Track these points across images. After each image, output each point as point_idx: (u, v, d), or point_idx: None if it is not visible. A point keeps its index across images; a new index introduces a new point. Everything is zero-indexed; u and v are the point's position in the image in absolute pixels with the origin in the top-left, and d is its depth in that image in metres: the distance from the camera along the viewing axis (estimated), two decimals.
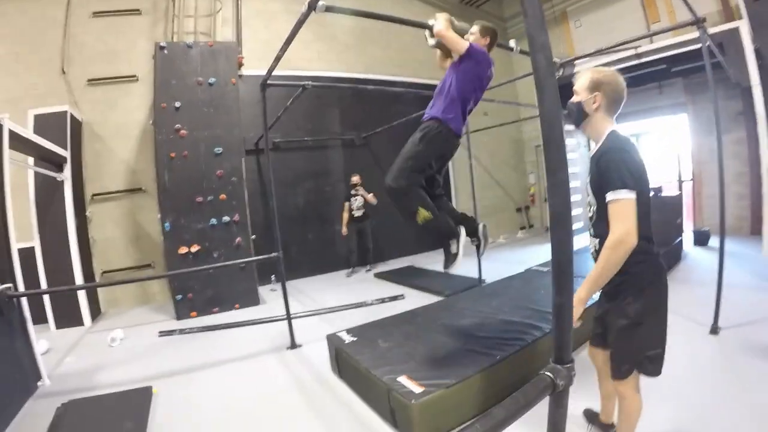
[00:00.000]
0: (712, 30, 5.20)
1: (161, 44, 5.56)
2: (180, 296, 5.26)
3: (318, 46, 7.55)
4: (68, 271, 5.30)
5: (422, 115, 2.73)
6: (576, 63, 6.54)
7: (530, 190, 10.88)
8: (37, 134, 4.73)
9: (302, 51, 7.25)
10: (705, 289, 3.91)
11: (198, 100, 5.53)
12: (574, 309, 1.72)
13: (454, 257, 2.72)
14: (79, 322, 5.34)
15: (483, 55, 2.57)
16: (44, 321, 5.10)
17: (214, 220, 5.44)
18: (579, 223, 7.61)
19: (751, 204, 7.08)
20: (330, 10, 2.51)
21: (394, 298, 5.17)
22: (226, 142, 5.60)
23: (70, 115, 5.67)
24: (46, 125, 5.33)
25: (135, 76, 6.41)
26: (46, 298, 5.22)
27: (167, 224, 5.27)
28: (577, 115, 1.76)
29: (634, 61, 7.17)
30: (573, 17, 8.71)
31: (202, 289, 5.33)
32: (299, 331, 4.01)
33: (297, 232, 7.13)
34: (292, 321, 3.98)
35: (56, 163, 5.33)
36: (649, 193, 1.70)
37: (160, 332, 4.73)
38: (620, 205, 1.53)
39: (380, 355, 2.87)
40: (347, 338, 3.22)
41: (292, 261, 6.39)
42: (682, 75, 7.56)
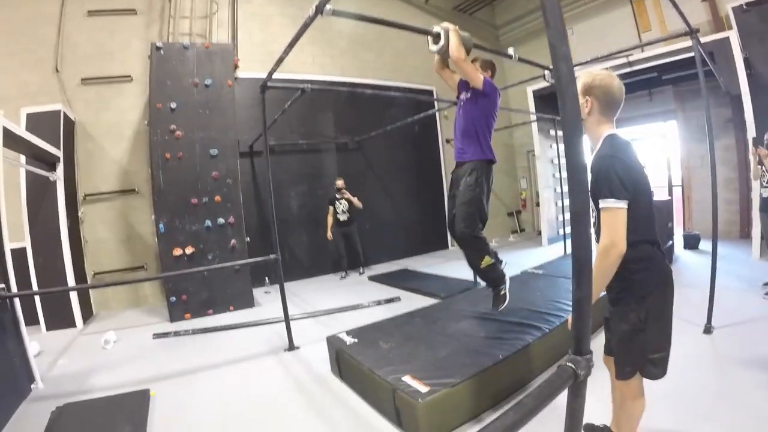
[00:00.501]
0: (704, 39, 5.31)
1: (157, 44, 5.51)
2: (174, 298, 5.21)
3: (312, 49, 7.57)
4: (60, 272, 5.23)
5: (416, 121, 2.87)
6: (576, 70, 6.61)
7: (521, 195, 10.97)
8: (29, 132, 4.67)
9: (297, 54, 7.23)
10: (696, 290, 3.99)
11: (194, 101, 5.51)
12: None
13: (503, 298, 3.10)
14: (70, 323, 5.26)
15: (495, 90, 2.90)
16: (35, 322, 5.01)
17: (208, 222, 5.41)
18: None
19: (739, 209, 7.22)
20: (337, 14, 2.51)
21: (390, 300, 5.18)
22: (222, 144, 5.58)
23: (64, 114, 5.61)
24: (39, 124, 5.27)
25: (129, 76, 6.36)
26: (38, 299, 5.14)
27: (161, 225, 5.22)
28: None
29: (626, 69, 7.28)
30: (565, 25, 8.82)
31: (196, 291, 5.29)
32: (296, 333, 3.99)
33: (291, 235, 7.11)
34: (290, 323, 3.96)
35: (49, 162, 5.26)
36: (650, 196, 1.71)
37: (154, 334, 4.68)
38: (608, 214, 1.55)
39: (382, 356, 2.88)
40: (348, 340, 3.22)
41: (287, 263, 6.34)
42: (672, 83, 7.71)
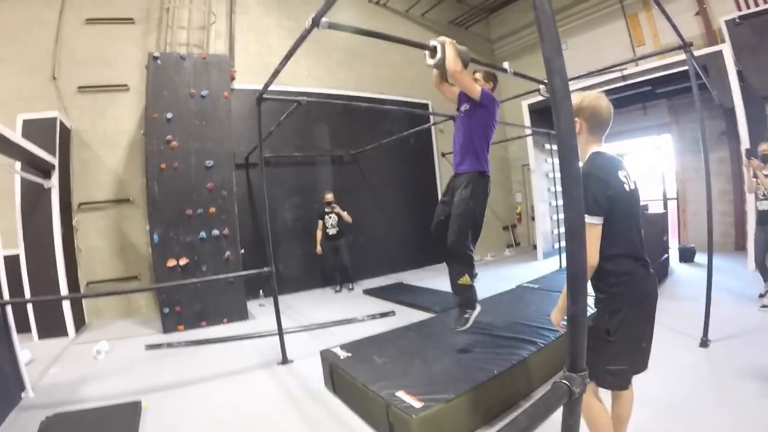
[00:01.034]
0: (697, 53, 5.36)
1: (155, 54, 5.53)
2: (167, 309, 5.17)
3: (308, 62, 7.60)
4: (53, 280, 5.18)
5: (411, 134, 2.85)
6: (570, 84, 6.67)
7: (517, 209, 10.99)
8: (25, 139, 4.64)
9: (293, 66, 7.23)
10: (692, 303, 4.01)
11: (190, 112, 5.51)
12: (554, 316, 1.92)
13: (464, 322, 3.04)
14: (62, 332, 5.21)
15: (494, 101, 2.86)
16: (27, 330, 4.97)
17: (203, 234, 5.39)
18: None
19: (734, 221, 7.26)
20: (333, 27, 2.51)
21: (384, 314, 5.15)
22: (217, 155, 5.58)
23: (60, 121, 5.59)
24: (35, 130, 5.23)
25: (126, 85, 6.36)
26: (30, 307, 5.10)
27: (156, 236, 5.20)
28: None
29: (620, 83, 7.34)
30: (560, 39, 8.89)
31: (189, 303, 5.26)
32: (289, 346, 3.96)
33: (285, 248, 7.09)
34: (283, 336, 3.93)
35: (44, 169, 5.23)
36: (631, 211, 1.78)
37: (146, 345, 4.64)
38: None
39: (376, 371, 2.87)
40: (342, 354, 3.21)
41: (281, 276, 6.29)
42: (666, 96, 7.78)
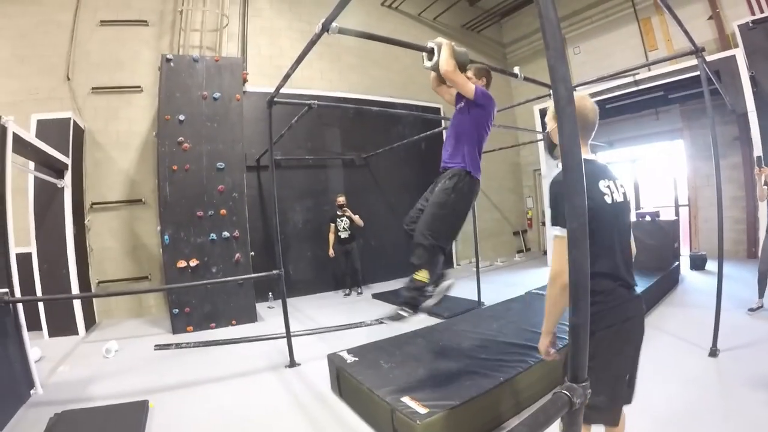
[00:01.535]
0: (710, 58, 5.31)
1: (168, 56, 5.57)
2: (177, 310, 5.21)
3: (320, 65, 7.63)
4: (64, 278, 5.25)
5: (423, 139, 2.79)
6: (576, 89, 6.65)
7: (528, 214, 10.95)
8: (39, 139, 4.70)
9: (305, 70, 7.27)
10: (702, 312, 3.95)
11: (202, 114, 5.55)
12: (540, 344, 1.73)
13: (396, 317, 2.76)
14: (73, 331, 5.26)
15: (489, 99, 2.70)
16: (38, 328, 5.03)
17: (213, 235, 5.42)
18: None
19: (747, 228, 7.17)
20: (343, 32, 2.54)
21: (393, 319, 5.11)
22: (229, 158, 5.61)
23: (73, 122, 5.66)
24: (49, 131, 5.33)
25: (139, 86, 6.44)
26: (41, 305, 5.16)
27: (167, 237, 5.24)
28: (548, 145, 1.74)
29: (632, 88, 7.30)
30: (572, 44, 8.86)
31: (199, 304, 5.29)
32: (297, 349, 3.97)
33: (295, 250, 7.12)
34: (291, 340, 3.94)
35: (57, 169, 5.31)
36: (612, 225, 1.60)
37: (155, 346, 4.68)
38: (554, 242, 1.52)
39: (383, 376, 2.86)
40: (349, 358, 3.21)
41: (290, 279, 6.36)
42: (679, 102, 7.71)
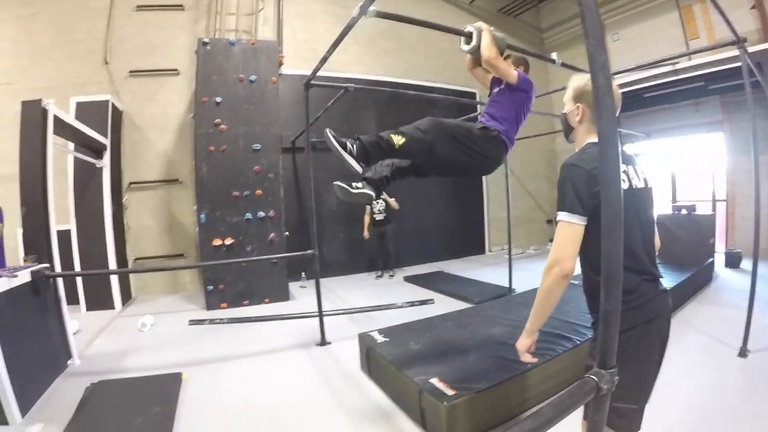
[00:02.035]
0: (752, 49, 5.10)
1: (204, 40, 5.66)
2: (211, 287, 5.35)
3: (356, 49, 7.61)
4: (102, 255, 5.45)
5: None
6: (615, 77, 6.50)
7: None
8: (78, 121, 4.86)
9: (340, 53, 7.27)
10: (735, 311, 3.85)
11: (238, 96, 5.63)
12: (520, 342, 1.62)
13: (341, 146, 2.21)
14: (109, 305, 5.47)
15: (531, 85, 2.64)
16: (76, 302, 5.22)
17: (249, 215, 5.52)
18: None
19: None
20: (380, 16, 2.54)
21: (423, 302, 5.17)
22: (264, 139, 5.68)
23: (112, 104, 5.83)
24: (88, 113, 5.48)
25: (176, 69, 6.57)
26: (79, 280, 5.37)
27: (203, 216, 5.37)
28: (564, 127, 1.64)
29: (672, 77, 7.09)
30: (611, 30, 8.61)
31: (233, 282, 5.42)
32: (328, 329, 4.03)
33: (328, 231, 7.19)
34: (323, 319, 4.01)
35: (96, 149, 5.48)
36: (631, 213, 1.43)
37: (190, 321, 4.81)
38: (558, 228, 1.41)
39: (412, 357, 2.89)
40: (379, 338, 3.24)
41: (323, 259, 6.41)
42: (720, 93, 7.43)
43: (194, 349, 3.90)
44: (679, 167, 8.46)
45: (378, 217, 6.81)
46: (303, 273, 6.50)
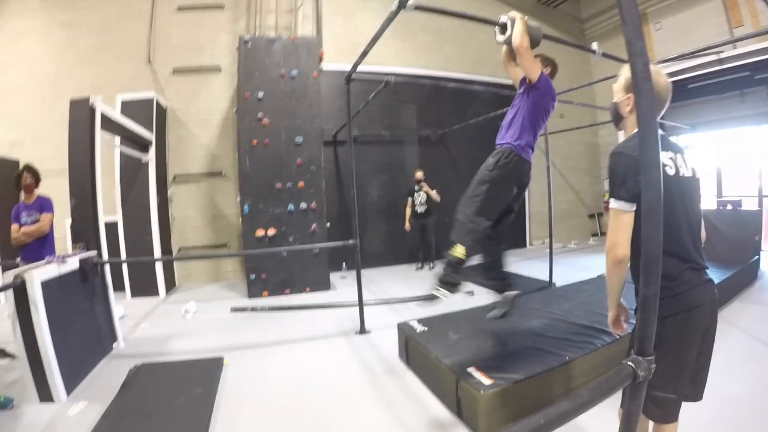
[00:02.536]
0: None
1: (245, 38, 5.82)
2: (253, 276, 5.53)
3: (395, 43, 7.66)
4: (147, 244, 5.72)
5: (499, 116, 2.73)
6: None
7: (604, 197, 10.54)
8: (123, 116, 5.10)
9: (380, 48, 7.29)
10: None
11: (280, 91, 5.78)
12: (610, 318, 1.63)
13: (430, 298, 2.64)
14: (154, 292, 5.74)
15: (550, 88, 2.66)
16: (121, 289, 5.49)
17: (291, 206, 5.67)
18: None
19: None
20: (420, 8, 2.57)
21: (464, 293, 5.16)
22: (306, 133, 5.81)
23: (156, 101, 6.09)
24: (133, 110, 5.74)
25: (218, 66, 6.78)
26: (125, 268, 5.64)
27: (246, 207, 5.55)
28: (614, 116, 1.68)
29: (716, 67, 6.88)
30: (653, 19, 8.37)
31: (275, 271, 5.58)
32: (368, 318, 4.09)
33: (369, 223, 7.26)
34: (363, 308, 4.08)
35: (142, 144, 5.75)
36: (676, 199, 1.47)
37: (232, 308, 4.97)
38: (611, 214, 1.46)
39: (450, 346, 2.91)
40: (418, 327, 3.29)
41: (364, 250, 6.46)
42: (766, 83, 7.18)
43: (236, 335, 4.02)
44: (725, 161, 8.20)
45: (419, 209, 6.82)
46: (344, 263, 6.62)
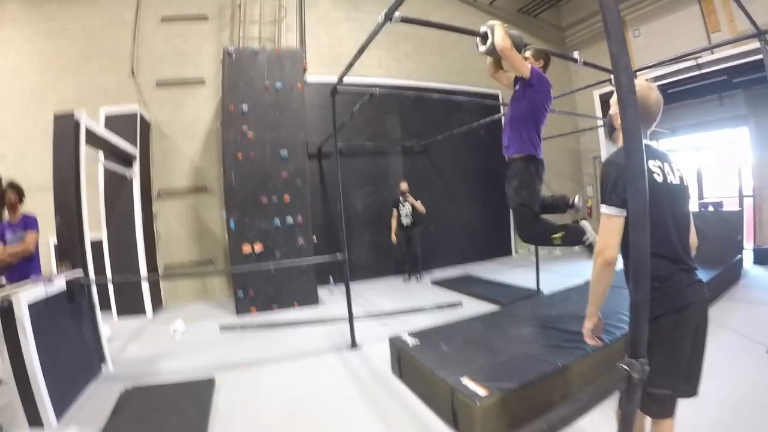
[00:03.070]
0: None
1: (229, 49, 5.77)
2: (241, 293, 5.45)
3: (378, 53, 7.66)
4: (133, 262, 5.58)
5: (482, 125, 2.75)
6: (637, 75, 6.45)
7: (588, 203, 10.64)
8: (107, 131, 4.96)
9: (363, 58, 7.26)
10: (764, 308, 3.83)
11: (265, 103, 5.73)
12: (583, 327, 1.75)
13: (590, 248, 2.76)
14: (141, 311, 5.60)
15: (545, 82, 2.70)
16: (107, 308, 5.35)
17: (277, 221, 5.61)
18: None
19: None
20: (406, 21, 2.59)
21: (452, 305, 5.19)
22: (291, 145, 5.77)
23: (140, 114, 5.98)
24: (117, 124, 5.62)
25: (202, 78, 6.70)
26: (110, 286, 5.50)
27: (232, 223, 5.48)
28: (608, 128, 1.80)
29: (695, 72, 7.01)
30: (632, 26, 8.49)
31: (262, 287, 5.51)
32: (358, 332, 4.08)
33: (355, 236, 7.21)
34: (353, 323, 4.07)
35: (126, 159, 5.63)
36: (665, 205, 1.56)
37: (221, 326, 4.89)
38: (602, 219, 1.55)
39: (443, 358, 2.92)
40: (410, 341, 3.29)
41: (351, 263, 6.44)
42: (744, 86, 7.33)
43: (226, 354, 3.97)
44: (705, 163, 8.35)
45: (405, 221, 6.83)
46: (331, 277, 6.57)
